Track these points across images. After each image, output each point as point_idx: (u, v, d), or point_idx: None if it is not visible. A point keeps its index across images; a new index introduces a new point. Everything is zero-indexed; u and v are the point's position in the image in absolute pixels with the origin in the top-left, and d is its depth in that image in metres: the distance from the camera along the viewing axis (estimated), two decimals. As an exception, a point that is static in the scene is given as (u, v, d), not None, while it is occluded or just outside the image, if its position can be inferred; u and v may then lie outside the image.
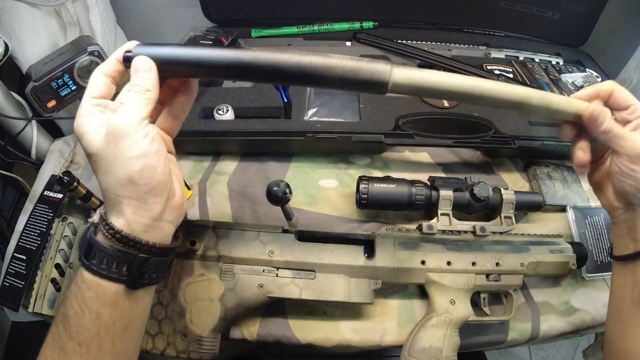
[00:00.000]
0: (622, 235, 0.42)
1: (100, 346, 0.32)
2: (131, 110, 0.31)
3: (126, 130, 0.31)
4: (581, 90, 0.42)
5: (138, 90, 0.32)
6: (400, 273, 0.51)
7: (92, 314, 0.31)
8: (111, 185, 0.32)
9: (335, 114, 0.70)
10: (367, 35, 0.82)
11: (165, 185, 0.33)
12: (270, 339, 0.52)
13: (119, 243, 0.32)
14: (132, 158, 0.31)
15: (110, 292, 0.32)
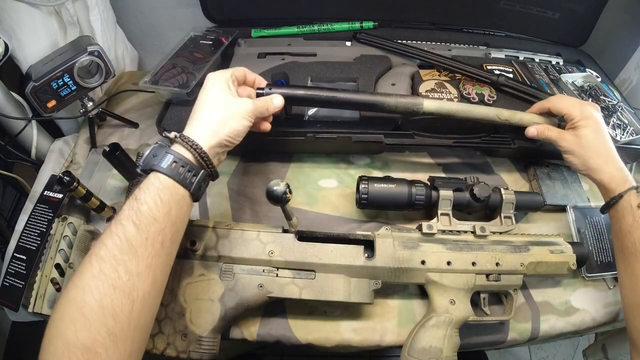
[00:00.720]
0: (600, 192, 0.55)
1: (162, 242, 0.38)
2: (255, 108, 0.49)
3: (248, 113, 0.47)
4: (532, 107, 0.64)
5: (266, 107, 0.52)
6: (400, 273, 0.50)
7: (165, 209, 0.39)
8: (214, 120, 0.45)
9: (336, 114, 0.70)
10: (367, 35, 0.82)
11: (232, 146, 0.47)
12: (270, 339, 0.52)
13: (197, 157, 0.42)
14: (239, 124, 0.47)
15: (180, 195, 0.41)
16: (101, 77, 0.67)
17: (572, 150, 0.56)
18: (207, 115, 0.46)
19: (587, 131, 0.55)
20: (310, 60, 0.78)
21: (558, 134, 0.58)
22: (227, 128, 0.45)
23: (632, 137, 0.66)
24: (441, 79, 0.74)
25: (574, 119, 0.56)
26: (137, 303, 0.35)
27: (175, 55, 0.74)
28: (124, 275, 0.35)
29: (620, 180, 0.52)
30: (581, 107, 0.56)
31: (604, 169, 0.53)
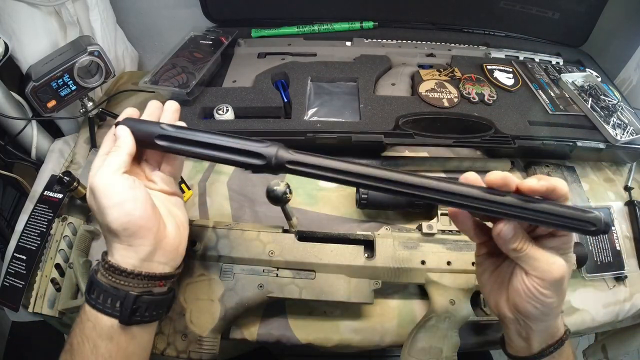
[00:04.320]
0: (513, 339, 0.38)
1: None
2: (106, 167, 0.35)
3: (100, 184, 0.34)
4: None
5: (114, 150, 0.36)
6: (400, 273, 0.50)
7: (90, 344, 0.34)
8: (102, 231, 0.36)
9: (335, 114, 0.70)
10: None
11: (149, 229, 0.35)
12: (270, 339, 0.52)
13: (112, 275, 0.34)
14: (107, 208, 0.34)
15: (106, 326, 0.34)
16: (101, 77, 0.67)
17: (552, 281, 0.33)
18: (100, 228, 0.38)
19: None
20: (310, 60, 0.78)
21: (542, 252, 0.33)
22: (110, 227, 0.34)
23: (632, 137, 0.66)
24: (441, 79, 0.74)
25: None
26: None
27: (175, 55, 0.74)
28: None
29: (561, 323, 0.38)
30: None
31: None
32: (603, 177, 0.71)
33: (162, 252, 0.36)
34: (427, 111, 0.70)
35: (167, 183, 0.41)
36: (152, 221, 0.35)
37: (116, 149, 0.36)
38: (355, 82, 0.74)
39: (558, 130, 0.68)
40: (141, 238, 0.35)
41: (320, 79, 0.75)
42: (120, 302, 0.34)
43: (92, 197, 0.35)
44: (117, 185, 0.34)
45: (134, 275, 0.34)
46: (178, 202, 0.41)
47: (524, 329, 0.36)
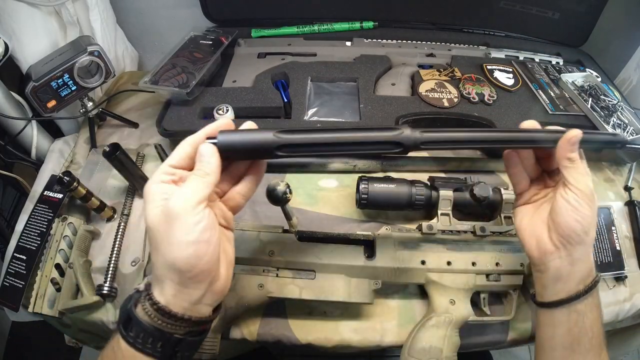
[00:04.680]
0: (549, 284, 0.41)
1: None
2: (188, 194, 0.31)
3: (180, 213, 0.30)
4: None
5: (198, 174, 0.32)
6: (400, 273, 0.50)
7: None
8: (158, 262, 0.32)
9: (335, 114, 0.70)
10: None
11: (209, 273, 0.32)
12: (270, 339, 0.52)
13: (158, 316, 0.31)
14: (182, 243, 0.30)
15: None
16: (101, 77, 0.67)
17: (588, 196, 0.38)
18: (154, 260, 0.32)
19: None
20: (310, 60, 0.78)
21: (585, 166, 0.39)
22: (176, 267, 0.31)
23: (632, 137, 0.66)
24: (441, 79, 0.74)
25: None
26: None
27: (175, 55, 0.74)
28: None
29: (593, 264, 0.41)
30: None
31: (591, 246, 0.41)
32: (603, 177, 0.71)
33: (211, 294, 0.33)
34: (427, 111, 0.70)
35: (226, 217, 0.37)
36: (215, 265, 0.33)
37: (202, 174, 0.32)
38: (355, 82, 0.74)
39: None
40: (199, 282, 0.32)
41: (320, 79, 0.75)
42: (162, 344, 0.32)
43: (165, 222, 0.30)
44: (199, 221, 0.30)
45: (183, 320, 0.32)
46: (231, 237, 0.38)
47: (568, 263, 0.39)
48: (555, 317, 0.41)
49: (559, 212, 0.39)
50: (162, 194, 0.32)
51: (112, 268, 0.55)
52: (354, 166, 0.66)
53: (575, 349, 0.40)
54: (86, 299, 0.52)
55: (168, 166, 0.33)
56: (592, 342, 0.40)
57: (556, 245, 0.39)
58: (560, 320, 0.40)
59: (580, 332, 0.39)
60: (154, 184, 0.32)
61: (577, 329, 0.40)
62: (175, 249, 0.30)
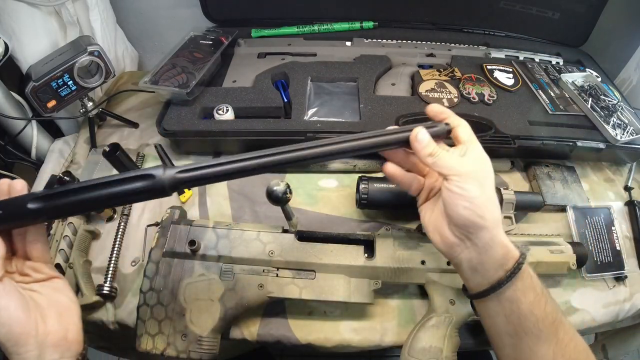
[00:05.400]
0: (468, 276, 0.40)
1: None
2: None
3: None
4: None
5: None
6: (400, 273, 0.50)
7: None
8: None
9: (335, 114, 0.70)
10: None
11: (28, 333, 0.33)
12: (270, 339, 0.52)
13: None
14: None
15: None
16: (101, 77, 0.67)
17: (466, 174, 0.37)
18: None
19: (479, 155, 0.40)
20: (310, 60, 0.78)
21: (448, 152, 0.39)
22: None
23: (632, 137, 0.66)
24: (441, 79, 0.74)
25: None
26: None
27: (175, 55, 0.74)
28: None
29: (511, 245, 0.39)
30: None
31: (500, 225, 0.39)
32: (603, 177, 0.71)
33: (52, 348, 0.34)
34: (427, 111, 0.70)
35: (40, 270, 0.38)
36: (29, 325, 0.34)
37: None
38: (355, 82, 0.74)
39: (558, 130, 0.68)
40: (24, 345, 0.33)
41: (320, 79, 0.75)
42: None
43: None
44: None
45: None
46: (58, 285, 0.39)
47: (475, 254, 0.38)
48: (490, 308, 0.39)
49: (447, 204, 0.38)
50: None
51: (112, 268, 0.55)
52: (354, 166, 0.66)
53: (521, 335, 0.38)
54: (86, 299, 0.52)
55: None
56: (538, 326, 0.37)
57: (458, 237, 0.38)
58: (496, 310, 0.39)
59: (520, 319, 0.37)
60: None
61: (514, 316, 0.38)
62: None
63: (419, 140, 0.38)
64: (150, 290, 0.48)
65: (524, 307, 0.37)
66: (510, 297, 0.37)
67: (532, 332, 0.37)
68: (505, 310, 0.38)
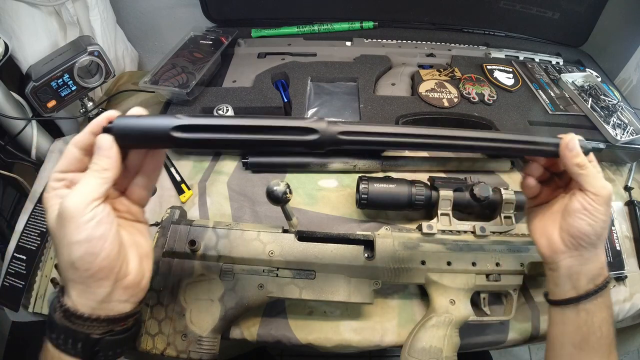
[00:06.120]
0: (560, 282, 0.41)
1: None
2: (82, 192, 0.30)
3: (71, 213, 0.29)
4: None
5: (95, 169, 0.31)
6: (400, 273, 0.50)
7: None
8: (60, 265, 0.31)
9: (335, 114, 0.70)
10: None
11: (110, 270, 0.32)
12: (270, 339, 0.52)
13: (68, 321, 0.31)
14: (74, 243, 0.29)
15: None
16: (101, 77, 0.67)
17: (605, 198, 0.39)
18: (59, 261, 0.32)
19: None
20: (310, 60, 0.78)
21: (595, 169, 0.40)
22: (71, 267, 0.30)
23: (632, 136, 0.66)
24: (441, 79, 0.74)
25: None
26: None
27: (175, 55, 0.74)
28: None
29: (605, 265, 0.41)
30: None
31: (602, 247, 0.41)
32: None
33: (123, 290, 0.33)
34: (427, 111, 0.70)
35: (132, 212, 0.36)
36: (115, 261, 0.32)
37: (100, 170, 0.31)
38: (355, 82, 0.74)
39: (558, 130, 0.68)
40: (100, 280, 0.31)
41: (320, 79, 0.75)
42: (81, 344, 0.31)
43: (58, 224, 0.30)
44: (92, 219, 0.30)
45: (91, 320, 0.31)
46: (143, 229, 0.37)
47: (577, 264, 0.40)
48: (565, 315, 0.41)
49: (573, 215, 0.39)
50: (57, 199, 0.31)
51: (112, 268, 0.55)
52: (354, 166, 0.66)
53: (583, 347, 0.40)
54: (86, 299, 0.52)
55: (56, 173, 0.32)
56: (601, 342, 0.40)
57: (567, 245, 0.40)
58: (570, 318, 0.41)
59: (589, 331, 0.40)
60: (47, 193, 0.32)
61: (585, 327, 0.40)
62: (69, 249, 0.30)
63: (570, 148, 0.39)
64: (150, 290, 0.48)
65: (596, 321, 0.40)
66: (589, 309, 0.40)
67: (593, 346, 0.40)
68: (579, 320, 0.40)
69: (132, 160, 0.35)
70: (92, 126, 0.33)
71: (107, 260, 0.31)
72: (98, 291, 0.31)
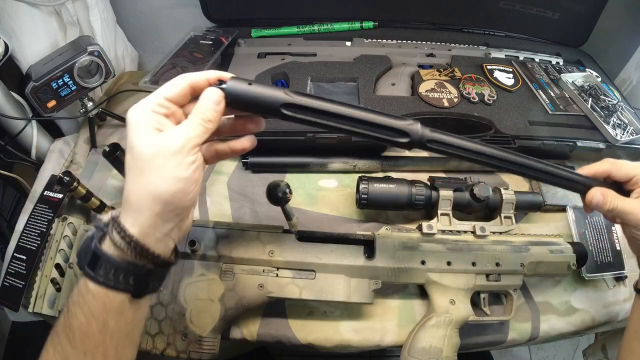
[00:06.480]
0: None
1: (105, 353, 0.32)
2: (189, 135, 0.31)
3: (179, 150, 0.31)
4: (584, 169, 0.45)
5: (201, 117, 0.32)
6: (400, 273, 0.50)
7: (98, 323, 0.31)
8: (139, 191, 0.31)
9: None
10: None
11: (187, 210, 0.34)
12: (270, 339, 0.52)
13: (130, 250, 0.31)
14: (174, 178, 0.31)
15: (117, 302, 0.32)
16: (101, 77, 0.67)
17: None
18: (133, 185, 0.31)
19: None
20: (310, 60, 0.78)
21: (631, 204, 0.43)
22: (161, 197, 0.31)
23: (632, 137, 0.66)
24: (441, 79, 0.74)
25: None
26: None
27: (175, 55, 0.74)
28: None
29: None
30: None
31: None
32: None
33: (178, 230, 0.34)
34: (427, 111, 0.70)
35: (212, 158, 0.37)
36: (193, 205, 0.34)
37: (204, 119, 0.32)
38: (355, 82, 0.74)
39: (558, 130, 0.68)
40: (176, 216, 0.33)
41: (320, 79, 0.75)
42: (134, 277, 0.32)
43: (159, 156, 0.30)
44: (194, 162, 0.32)
45: (150, 252, 0.32)
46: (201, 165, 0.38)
47: None
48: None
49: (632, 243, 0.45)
50: (155, 124, 0.31)
51: (112, 268, 0.55)
52: (354, 166, 0.66)
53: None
54: (86, 299, 0.52)
55: (163, 98, 0.32)
56: None
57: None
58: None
59: None
60: (145, 112, 0.32)
61: None
62: (165, 182, 0.31)
63: (594, 204, 0.43)
64: (150, 290, 0.48)
65: None
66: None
67: None
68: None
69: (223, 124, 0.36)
70: (211, 74, 0.34)
71: (191, 201, 0.33)
72: (167, 225, 0.32)
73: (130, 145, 0.31)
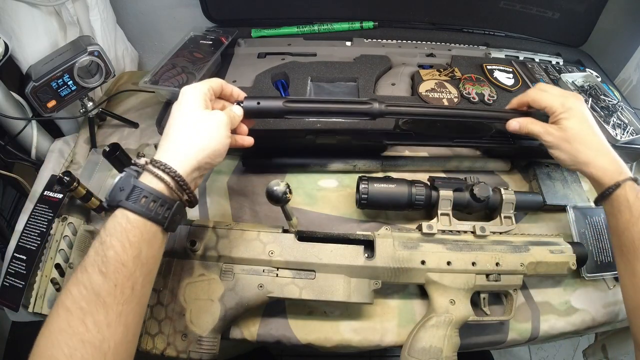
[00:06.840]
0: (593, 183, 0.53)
1: (132, 286, 0.35)
2: (229, 120, 0.45)
3: (226, 124, 0.44)
4: (512, 102, 0.59)
5: (231, 116, 0.47)
6: (400, 273, 0.50)
7: (134, 251, 0.35)
8: (191, 143, 0.41)
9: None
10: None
11: (212, 167, 0.45)
12: (270, 339, 0.52)
13: (174, 183, 0.38)
14: (220, 141, 0.43)
15: (151, 233, 0.37)
16: (101, 77, 0.67)
17: (557, 144, 0.52)
18: (182, 136, 0.41)
19: (571, 123, 0.51)
20: (310, 60, 0.78)
21: (542, 127, 0.53)
22: (207, 149, 0.42)
23: (632, 136, 0.66)
24: (441, 79, 0.74)
25: (555, 111, 0.52)
26: (109, 355, 0.33)
27: (175, 55, 0.74)
28: (93, 328, 0.33)
29: (614, 173, 0.49)
30: (562, 99, 0.52)
31: (595, 162, 0.50)
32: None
33: (200, 179, 0.45)
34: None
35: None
36: (216, 165, 0.45)
37: (234, 117, 0.47)
38: (355, 82, 0.74)
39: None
40: (211, 165, 0.43)
41: (320, 79, 0.75)
42: (167, 208, 0.38)
43: (215, 121, 0.43)
44: (228, 134, 0.44)
45: (187, 188, 0.40)
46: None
47: (569, 162, 0.53)
48: (607, 218, 0.52)
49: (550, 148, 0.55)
50: (205, 102, 0.44)
51: (112, 268, 0.55)
52: (353, 166, 0.66)
53: (622, 250, 0.48)
54: (86, 299, 0.52)
55: (210, 86, 0.46)
56: (622, 248, 0.48)
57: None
58: (608, 221, 0.52)
59: (621, 233, 0.48)
60: (200, 91, 0.45)
61: (617, 230, 0.48)
62: (213, 141, 0.42)
63: (511, 130, 0.56)
64: (150, 290, 0.48)
65: (611, 222, 0.50)
66: (607, 210, 0.51)
67: (629, 249, 0.46)
68: (611, 224, 0.50)
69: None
70: (236, 92, 0.51)
71: (220, 160, 0.44)
72: (197, 173, 0.42)
73: (185, 111, 0.43)
